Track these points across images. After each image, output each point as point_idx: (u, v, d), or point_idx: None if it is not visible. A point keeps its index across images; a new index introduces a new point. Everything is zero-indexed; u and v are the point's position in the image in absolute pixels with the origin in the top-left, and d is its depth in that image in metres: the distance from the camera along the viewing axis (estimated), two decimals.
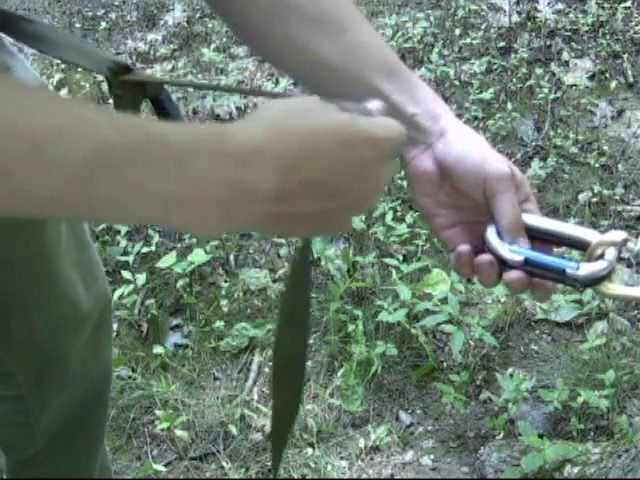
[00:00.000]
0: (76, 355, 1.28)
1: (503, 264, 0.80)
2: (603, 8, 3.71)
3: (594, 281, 0.78)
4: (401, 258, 2.41)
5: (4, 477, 1.42)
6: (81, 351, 1.29)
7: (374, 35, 0.86)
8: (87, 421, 1.41)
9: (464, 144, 0.82)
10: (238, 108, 3.21)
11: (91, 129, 0.52)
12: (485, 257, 0.79)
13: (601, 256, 0.79)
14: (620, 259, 0.80)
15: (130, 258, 2.48)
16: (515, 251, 0.79)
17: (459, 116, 3.05)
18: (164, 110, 0.88)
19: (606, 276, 0.78)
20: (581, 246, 0.80)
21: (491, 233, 0.81)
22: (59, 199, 0.52)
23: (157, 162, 0.53)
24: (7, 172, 0.50)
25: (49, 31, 0.90)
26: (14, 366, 1.24)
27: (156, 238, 2.57)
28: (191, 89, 3.32)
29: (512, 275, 0.78)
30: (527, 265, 0.79)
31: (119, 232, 2.62)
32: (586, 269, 0.78)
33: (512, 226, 0.80)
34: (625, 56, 3.39)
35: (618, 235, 0.79)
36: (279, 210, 0.58)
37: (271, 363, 2.19)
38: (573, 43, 3.54)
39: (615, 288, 0.80)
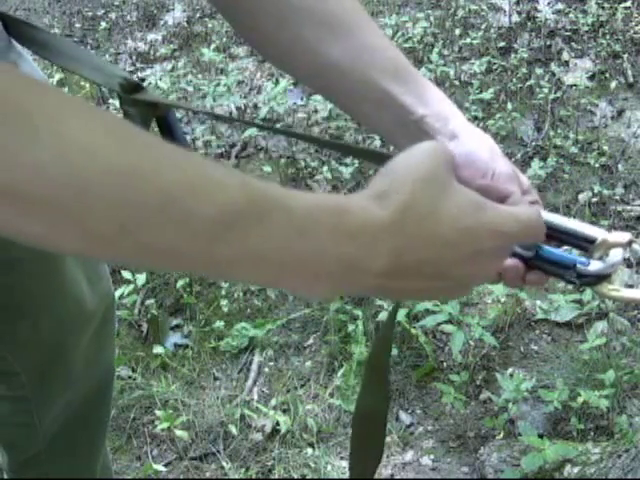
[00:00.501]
0: (80, 355, 1.28)
1: (515, 256, 0.78)
2: (603, 8, 3.71)
3: (598, 279, 0.78)
4: None
5: (5, 477, 1.42)
6: (85, 350, 1.29)
7: (382, 37, 0.85)
8: (89, 420, 1.41)
9: (473, 145, 0.81)
10: (238, 108, 3.22)
11: (219, 189, 0.52)
12: (510, 262, 0.76)
13: (603, 256, 0.78)
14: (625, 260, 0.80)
15: None
16: (526, 246, 0.79)
17: None
18: (170, 131, 0.89)
19: (609, 275, 0.78)
20: (584, 242, 0.80)
21: None
22: (180, 255, 0.52)
23: (279, 230, 0.53)
24: (134, 224, 0.50)
25: (62, 43, 0.92)
26: (18, 366, 1.24)
27: None
28: (191, 88, 3.32)
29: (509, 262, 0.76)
30: (537, 258, 0.78)
31: None
32: (595, 265, 0.77)
33: (509, 176, 0.79)
34: (625, 56, 3.39)
35: (623, 236, 0.78)
36: (388, 285, 0.59)
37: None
38: (573, 43, 3.54)
39: (615, 289, 0.80)
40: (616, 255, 0.78)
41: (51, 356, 1.26)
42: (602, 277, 0.78)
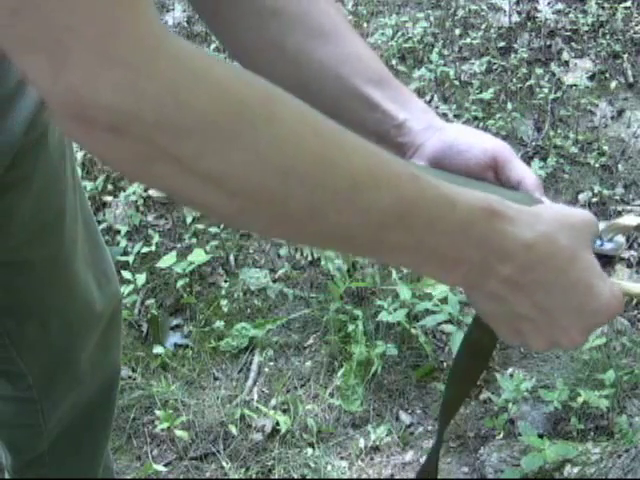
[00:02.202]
0: (87, 356, 1.29)
1: None
2: (603, 8, 3.71)
3: (609, 259, 0.79)
4: None
5: (8, 477, 1.42)
6: (92, 352, 1.29)
7: (364, 47, 0.86)
8: (94, 421, 1.41)
9: (460, 130, 0.83)
10: None
11: (396, 180, 0.57)
12: None
13: (611, 240, 0.79)
14: (621, 259, 0.81)
15: (130, 258, 2.48)
16: None
17: (459, 116, 3.05)
18: None
19: (616, 258, 0.79)
20: None
21: None
22: (354, 238, 0.58)
23: (444, 223, 0.59)
24: (323, 208, 0.54)
25: None
26: (26, 367, 1.24)
27: (156, 238, 2.57)
28: None
29: None
30: None
31: (119, 232, 2.62)
32: (609, 245, 0.78)
33: (536, 183, 0.80)
34: (625, 56, 3.39)
35: (630, 220, 0.79)
36: (503, 294, 0.64)
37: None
38: (573, 43, 3.54)
39: (615, 282, 0.80)
40: (620, 238, 0.79)
41: (59, 357, 1.26)
42: (609, 258, 0.79)
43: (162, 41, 0.49)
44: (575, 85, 3.27)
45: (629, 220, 0.79)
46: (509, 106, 3.09)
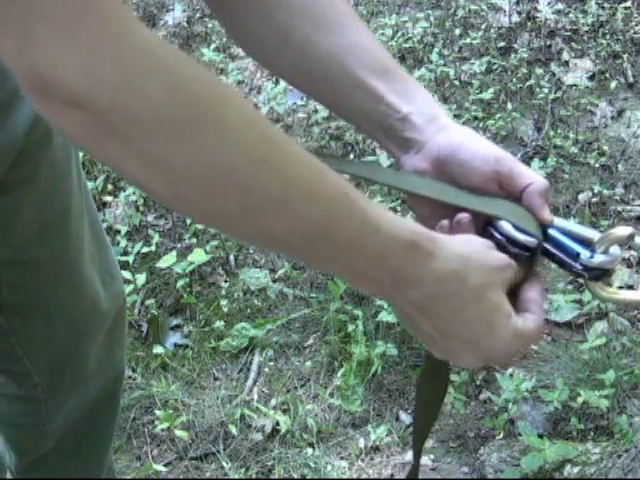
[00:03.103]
0: (92, 355, 1.29)
1: (518, 246, 0.79)
2: (603, 8, 3.71)
3: (602, 273, 0.78)
4: None
5: (10, 477, 1.42)
6: (97, 351, 1.29)
7: (370, 37, 0.86)
8: (98, 421, 1.41)
9: (465, 136, 0.82)
10: None
11: (328, 196, 0.61)
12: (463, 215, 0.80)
13: (605, 251, 0.79)
14: (629, 248, 0.81)
15: (130, 258, 2.48)
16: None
17: (459, 116, 3.05)
18: None
19: (611, 271, 0.79)
20: (584, 244, 0.80)
21: (503, 223, 0.79)
22: (280, 242, 0.63)
23: (362, 245, 0.64)
24: (255, 210, 0.58)
25: None
26: (31, 366, 1.24)
27: (156, 238, 2.57)
28: None
29: None
30: (545, 240, 0.79)
31: (119, 232, 2.62)
32: (599, 258, 0.78)
33: (541, 188, 0.81)
34: (625, 56, 3.39)
35: (624, 230, 0.79)
36: (411, 313, 0.71)
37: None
38: (573, 43, 3.54)
39: (613, 292, 0.80)
40: (616, 250, 0.79)
41: (64, 357, 1.26)
42: (604, 271, 0.79)
43: (127, 30, 0.51)
44: (575, 85, 3.27)
45: (622, 231, 0.78)
46: (509, 106, 3.09)
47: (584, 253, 0.78)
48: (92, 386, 1.33)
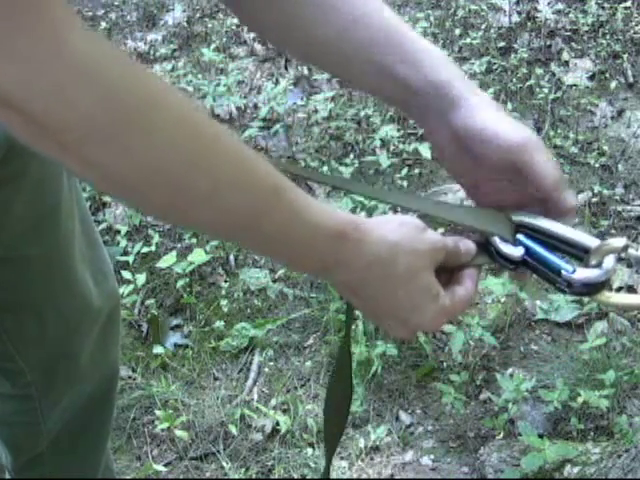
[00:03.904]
0: (85, 354, 1.29)
1: (503, 258, 0.80)
2: (603, 8, 3.71)
3: (588, 288, 0.77)
4: None
5: (8, 477, 1.42)
6: (90, 350, 1.29)
7: (373, 4, 0.83)
8: (93, 420, 1.41)
9: (484, 114, 0.79)
10: (238, 108, 3.22)
11: (256, 189, 0.64)
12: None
13: (599, 264, 0.78)
14: (620, 259, 0.80)
15: (130, 258, 2.48)
16: (519, 240, 0.80)
17: None
18: None
19: (601, 285, 0.77)
20: (580, 251, 0.79)
21: (494, 240, 0.81)
22: (211, 232, 0.72)
23: (290, 235, 0.67)
24: (183, 205, 0.62)
25: None
26: (24, 364, 1.24)
27: (156, 238, 2.57)
28: (191, 88, 3.32)
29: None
30: (526, 257, 0.79)
31: (119, 232, 2.62)
32: (582, 274, 0.77)
33: (553, 184, 0.79)
34: (625, 56, 3.39)
35: (619, 241, 0.77)
36: (339, 290, 0.78)
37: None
38: (573, 43, 3.54)
39: (613, 296, 0.79)
40: (609, 263, 0.78)
41: (57, 355, 1.26)
42: (596, 286, 0.78)
43: (62, 40, 0.53)
44: (575, 85, 3.27)
45: (617, 242, 0.77)
46: (509, 106, 3.09)
47: (565, 269, 0.77)
48: (86, 384, 1.33)
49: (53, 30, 0.53)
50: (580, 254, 0.79)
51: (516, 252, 0.79)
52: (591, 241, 0.79)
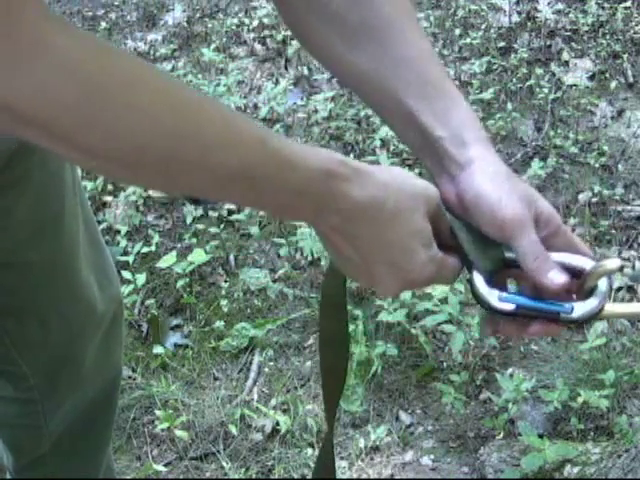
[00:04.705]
0: (89, 357, 1.28)
1: (494, 311, 0.79)
2: (603, 8, 3.71)
3: (590, 318, 0.78)
4: None
5: (10, 477, 1.42)
6: (93, 353, 1.29)
7: (418, 47, 0.83)
8: (95, 422, 1.41)
9: (482, 183, 0.79)
10: (238, 108, 3.21)
11: (243, 145, 0.66)
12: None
13: (594, 288, 0.77)
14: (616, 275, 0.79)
15: (130, 258, 2.48)
16: (505, 299, 0.78)
17: None
18: None
19: (600, 311, 0.77)
20: (574, 274, 0.78)
21: (478, 280, 0.79)
22: (203, 191, 0.70)
23: (282, 183, 0.69)
24: (177, 174, 0.64)
25: None
26: (27, 368, 1.24)
27: (156, 238, 2.57)
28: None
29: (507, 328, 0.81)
30: (519, 311, 0.78)
31: (119, 232, 2.62)
32: (580, 310, 0.77)
33: (538, 267, 0.77)
34: (625, 56, 3.39)
35: (613, 263, 0.77)
36: (332, 237, 0.75)
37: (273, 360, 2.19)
38: (573, 43, 3.54)
39: (612, 307, 0.79)
40: (604, 285, 0.77)
41: (60, 358, 1.26)
42: (590, 318, 0.78)
43: (40, 41, 0.55)
44: (575, 85, 3.27)
45: (612, 263, 0.77)
46: (509, 106, 3.09)
47: (563, 310, 0.77)
48: (89, 387, 1.33)
49: (31, 31, 0.55)
50: (574, 274, 0.78)
51: (507, 306, 0.78)
52: (583, 261, 0.78)
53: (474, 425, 2.03)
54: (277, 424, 2.03)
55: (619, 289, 2.33)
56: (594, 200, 2.69)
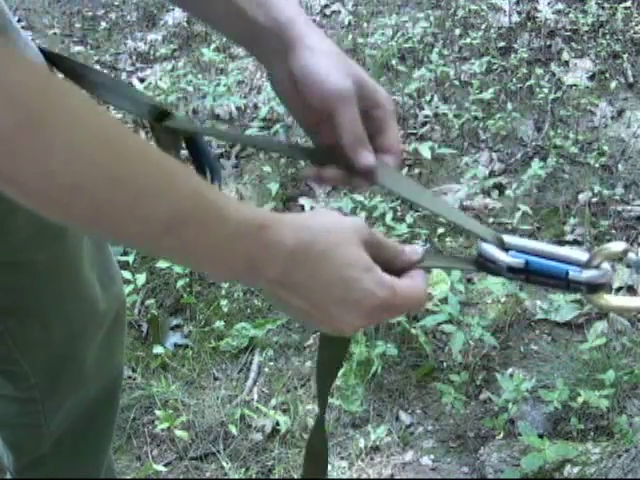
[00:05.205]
0: (90, 357, 1.28)
1: (503, 269, 0.80)
2: (603, 8, 3.71)
3: (595, 287, 0.78)
4: None
5: (10, 477, 1.42)
6: (95, 353, 1.29)
7: None
8: (96, 422, 1.41)
9: (310, 58, 0.83)
10: (238, 108, 3.21)
11: (175, 194, 0.65)
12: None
13: (598, 267, 0.78)
14: (620, 259, 0.80)
15: (130, 258, 2.48)
16: (515, 255, 0.79)
17: (459, 116, 3.05)
18: (199, 153, 0.98)
19: (605, 284, 0.78)
20: (572, 266, 0.79)
21: (486, 245, 0.81)
22: (132, 242, 0.69)
23: (212, 236, 0.68)
24: (106, 218, 0.63)
25: (97, 75, 0.95)
26: (29, 368, 1.24)
27: None
28: (191, 88, 3.32)
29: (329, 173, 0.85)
30: (528, 270, 0.79)
31: None
32: (589, 273, 0.77)
33: (353, 142, 0.81)
34: (625, 56, 3.39)
35: (618, 245, 0.78)
36: (276, 292, 0.74)
37: (271, 362, 2.19)
38: (573, 43, 3.54)
39: (612, 299, 0.80)
40: (606, 265, 0.78)
41: (61, 358, 1.26)
42: (598, 286, 0.78)
43: None
44: (575, 85, 3.27)
45: (616, 246, 0.78)
46: (509, 106, 3.09)
47: (573, 269, 0.77)
48: (91, 387, 1.33)
49: None
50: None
51: (517, 261, 0.79)
52: (582, 256, 0.79)
53: (474, 425, 2.03)
54: (277, 424, 2.04)
55: (619, 289, 2.33)
56: (594, 200, 2.69)
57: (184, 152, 0.97)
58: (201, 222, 0.67)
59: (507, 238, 0.82)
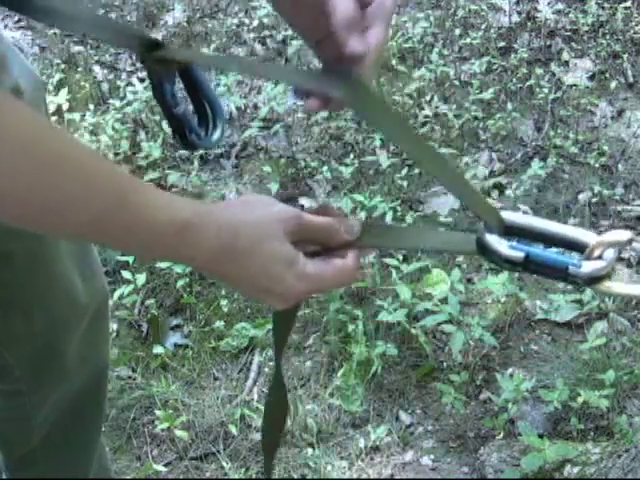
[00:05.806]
0: (73, 349, 1.29)
1: (503, 262, 0.79)
2: (603, 8, 3.71)
3: (595, 280, 0.77)
4: (401, 258, 2.41)
5: (3, 477, 1.42)
6: (78, 346, 1.29)
7: None
8: (84, 415, 1.41)
9: None
10: (238, 108, 3.21)
11: (96, 198, 0.69)
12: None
13: (600, 256, 0.77)
14: (620, 259, 0.80)
15: (130, 258, 2.48)
16: (515, 247, 0.79)
17: (459, 116, 3.05)
18: (194, 84, 0.96)
19: (606, 275, 0.77)
20: (576, 248, 0.78)
21: (487, 235, 0.80)
22: (65, 237, 0.78)
23: (137, 234, 0.72)
24: (32, 222, 0.70)
25: (65, 5, 0.88)
26: (13, 360, 1.24)
27: None
28: None
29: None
30: (528, 262, 0.78)
31: None
32: (588, 267, 0.76)
33: (342, 28, 0.79)
34: (625, 56, 3.39)
35: (622, 234, 0.77)
36: (208, 274, 0.82)
37: (271, 363, 2.19)
38: (573, 43, 3.54)
39: (615, 286, 0.79)
40: (610, 254, 0.77)
41: (45, 350, 1.26)
42: (598, 278, 0.77)
43: None
44: (575, 85, 3.27)
45: (620, 235, 0.77)
46: (509, 106, 3.09)
47: (572, 264, 0.77)
48: (75, 380, 1.33)
49: None
50: (577, 249, 0.79)
51: (517, 255, 0.78)
52: (587, 236, 0.78)
53: (474, 425, 2.03)
54: None
55: None
56: (594, 200, 2.69)
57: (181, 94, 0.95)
58: (124, 223, 0.71)
59: (507, 215, 0.80)
